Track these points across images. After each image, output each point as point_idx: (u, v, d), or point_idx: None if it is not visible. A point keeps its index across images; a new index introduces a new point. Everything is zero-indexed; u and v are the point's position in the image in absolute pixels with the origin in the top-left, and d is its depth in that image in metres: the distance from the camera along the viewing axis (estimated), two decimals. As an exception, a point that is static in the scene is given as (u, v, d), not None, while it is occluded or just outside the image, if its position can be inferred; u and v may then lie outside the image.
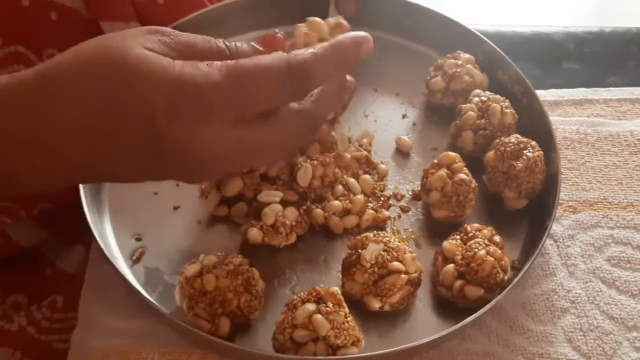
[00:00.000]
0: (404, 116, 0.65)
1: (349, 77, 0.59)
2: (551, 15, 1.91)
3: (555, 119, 0.65)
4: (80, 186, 0.54)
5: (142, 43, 0.42)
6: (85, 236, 0.67)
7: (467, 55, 0.64)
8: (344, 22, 0.55)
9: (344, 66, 0.47)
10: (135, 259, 0.54)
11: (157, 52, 0.42)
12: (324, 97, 0.47)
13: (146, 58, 0.41)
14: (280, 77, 0.42)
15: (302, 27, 0.53)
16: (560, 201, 0.58)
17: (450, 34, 0.67)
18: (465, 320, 0.48)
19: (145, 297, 0.50)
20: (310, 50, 0.44)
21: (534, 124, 0.60)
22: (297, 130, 0.45)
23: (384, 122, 0.64)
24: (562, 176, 0.60)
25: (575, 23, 1.65)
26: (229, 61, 0.42)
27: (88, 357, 0.50)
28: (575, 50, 0.73)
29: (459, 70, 0.62)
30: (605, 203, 0.59)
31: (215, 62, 0.42)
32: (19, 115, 0.41)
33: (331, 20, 0.55)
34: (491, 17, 1.91)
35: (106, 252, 0.51)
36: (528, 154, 0.55)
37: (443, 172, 0.54)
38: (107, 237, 0.55)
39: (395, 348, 0.47)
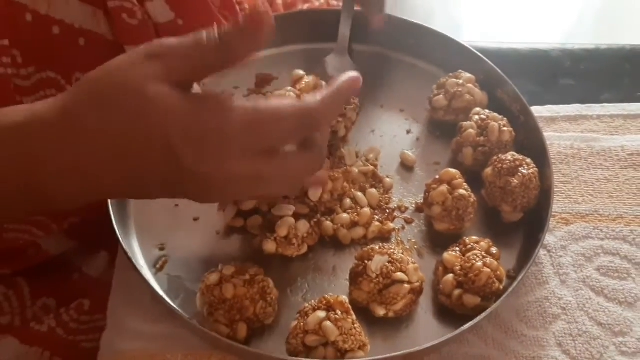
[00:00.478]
0: (408, 132, 0.69)
1: (353, 99, 0.63)
2: (549, 33, 1.94)
3: (550, 134, 0.68)
4: (109, 202, 0.58)
5: (149, 74, 0.45)
6: (108, 243, 0.71)
7: (468, 75, 0.67)
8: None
9: (342, 108, 0.51)
10: (159, 267, 0.58)
11: (165, 80, 0.45)
12: (324, 135, 0.51)
13: (160, 95, 0.44)
14: (292, 124, 0.46)
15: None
16: (553, 213, 0.62)
17: (452, 53, 0.71)
18: (463, 327, 0.52)
19: (169, 304, 0.54)
20: (318, 97, 0.47)
21: (530, 140, 0.64)
22: (303, 166, 0.49)
23: (389, 137, 0.68)
24: (556, 189, 0.64)
25: (573, 40, 1.69)
26: (246, 104, 0.45)
27: (117, 359, 0.54)
28: (572, 67, 0.76)
29: (460, 89, 0.66)
30: (597, 215, 0.63)
31: (235, 103, 0.45)
32: (51, 145, 0.45)
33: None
34: (495, 35, 1.95)
35: (133, 261, 0.55)
36: (523, 171, 0.59)
37: (444, 187, 0.58)
38: (133, 247, 0.59)
39: (399, 352, 0.51)
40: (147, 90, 0.44)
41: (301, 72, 0.65)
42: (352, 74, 0.50)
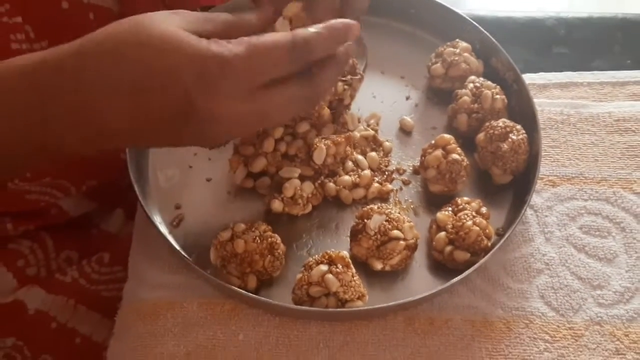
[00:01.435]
0: (407, 98, 0.72)
1: (358, 70, 0.67)
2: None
3: (542, 101, 0.72)
4: (128, 163, 0.62)
5: (170, 22, 0.47)
6: (124, 202, 0.77)
7: (465, 44, 0.71)
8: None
9: (337, 44, 0.52)
10: (175, 225, 0.63)
11: (184, 29, 0.47)
12: (322, 72, 0.52)
13: (175, 34, 0.46)
14: (287, 51, 0.49)
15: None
16: (541, 176, 0.66)
17: (450, 22, 0.74)
18: (454, 279, 0.57)
19: (186, 257, 0.59)
20: (310, 29, 0.50)
21: (522, 107, 0.68)
22: (300, 96, 0.51)
23: (389, 103, 0.72)
24: (545, 153, 0.68)
25: (571, 9, 1.69)
26: (245, 38, 0.48)
27: (139, 307, 0.59)
28: (565, 35, 0.80)
29: (456, 58, 0.70)
30: (582, 178, 0.67)
31: (234, 40, 0.48)
32: (62, 87, 0.47)
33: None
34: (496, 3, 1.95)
35: (152, 218, 0.60)
36: (513, 137, 0.63)
37: (439, 152, 0.63)
38: (151, 207, 0.63)
39: (395, 302, 0.56)
40: (162, 33, 0.46)
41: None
42: (348, 20, 0.52)
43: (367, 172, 0.65)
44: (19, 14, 0.61)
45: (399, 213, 0.60)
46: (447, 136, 0.63)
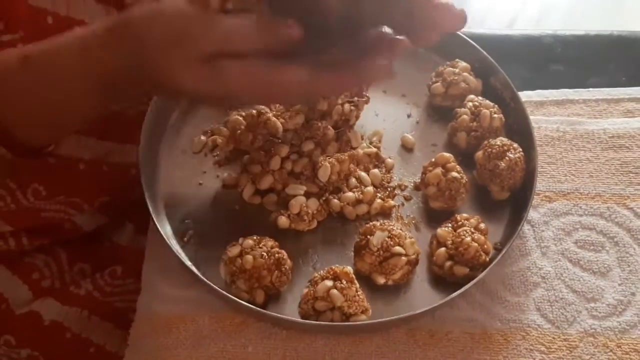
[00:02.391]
0: (408, 115, 0.75)
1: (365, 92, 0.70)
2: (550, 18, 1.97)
3: (539, 118, 0.75)
4: (142, 182, 0.64)
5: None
6: (134, 216, 0.79)
7: (464, 64, 0.73)
8: None
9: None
10: (186, 240, 0.65)
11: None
12: (288, 67, 0.52)
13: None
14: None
15: None
16: (538, 191, 0.69)
17: (450, 43, 0.76)
18: (454, 293, 0.59)
19: (196, 272, 0.61)
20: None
21: (519, 125, 0.70)
22: (262, 77, 0.52)
23: (391, 120, 0.74)
24: (541, 169, 0.70)
25: (567, 27, 1.72)
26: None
27: (152, 320, 0.62)
28: (562, 53, 0.82)
29: (456, 77, 0.72)
30: (577, 193, 0.69)
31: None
32: (109, 47, 0.53)
33: None
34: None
35: (163, 235, 0.63)
36: (510, 155, 0.65)
37: (439, 170, 0.65)
38: (164, 223, 0.66)
39: (397, 316, 0.58)
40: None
41: None
42: None
43: (370, 188, 0.68)
44: (32, 41, 0.61)
45: (401, 229, 0.63)
46: (447, 155, 0.66)
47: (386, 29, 0.56)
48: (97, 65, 0.54)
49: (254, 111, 0.68)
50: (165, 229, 0.65)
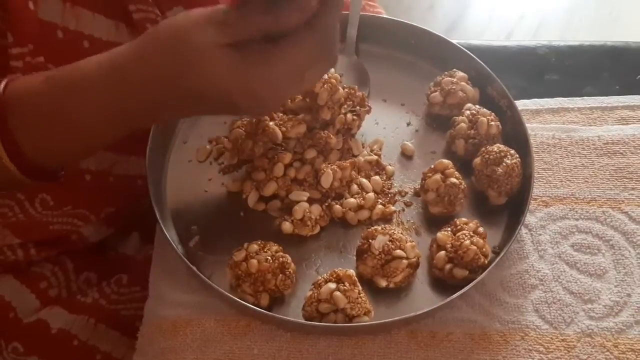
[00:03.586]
0: (408, 124, 0.76)
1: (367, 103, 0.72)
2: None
3: (535, 125, 0.76)
4: (150, 190, 0.66)
5: (209, 39, 0.51)
6: (139, 226, 0.81)
7: (461, 73, 0.75)
8: None
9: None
10: (192, 246, 0.67)
11: (221, 43, 0.52)
12: (324, 16, 0.54)
13: (217, 57, 0.52)
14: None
15: None
16: (535, 196, 0.71)
17: (447, 53, 0.78)
18: (454, 295, 0.60)
19: (202, 277, 0.62)
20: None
21: (515, 132, 0.72)
22: (313, 45, 0.54)
23: (391, 129, 0.76)
24: (538, 175, 0.72)
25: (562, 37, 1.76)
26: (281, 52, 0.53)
27: (159, 324, 0.63)
28: (557, 63, 0.84)
29: (454, 86, 0.74)
30: (573, 198, 0.71)
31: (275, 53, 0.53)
32: (135, 78, 0.54)
33: None
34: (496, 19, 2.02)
35: (170, 240, 0.64)
36: (507, 161, 0.67)
37: (438, 176, 0.67)
38: (170, 229, 0.67)
39: (399, 317, 0.60)
40: (205, 53, 0.52)
41: None
42: None
43: (371, 194, 0.69)
44: (42, 54, 0.65)
45: (402, 233, 0.64)
46: (446, 161, 0.68)
47: None
48: (127, 83, 0.54)
49: (253, 119, 0.70)
50: (172, 235, 0.67)
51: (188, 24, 0.53)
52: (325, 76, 0.71)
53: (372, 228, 0.64)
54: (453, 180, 0.66)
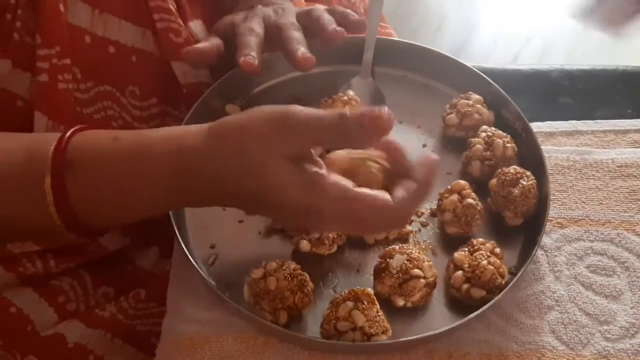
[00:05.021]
0: (424, 145, 0.77)
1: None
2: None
3: (549, 148, 0.77)
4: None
5: (273, 151, 0.53)
6: (159, 240, 0.81)
7: (477, 96, 0.76)
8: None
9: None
10: (210, 263, 0.68)
11: (285, 155, 0.53)
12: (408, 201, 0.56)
13: (279, 170, 0.53)
14: (380, 221, 0.56)
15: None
16: (550, 218, 0.71)
17: (463, 76, 0.79)
18: (471, 315, 0.61)
19: (221, 294, 0.63)
20: (406, 195, 0.55)
21: (530, 154, 0.73)
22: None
23: (407, 150, 0.77)
24: (553, 197, 0.72)
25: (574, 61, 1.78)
26: (344, 192, 0.54)
27: (178, 340, 0.63)
28: (570, 86, 0.85)
29: (470, 109, 0.75)
30: (588, 220, 0.72)
31: (335, 188, 0.53)
32: (196, 174, 0.55)
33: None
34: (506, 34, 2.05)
35: (189, 257, 0.65)
36: (523, 182, 0.68)
37: (455, 197, 0.67)
38: (189, 246, 0.68)
39: (416, 336, 0.60)
40: (266, 161, 0.53)
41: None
42: (432, 158, 0.58)
43: (388, 214, 0.70)
44: (68, 56, 0.66)
45: (419, 253, 0.65)
46: (462, 182, 0.69)
47: None
48: (193, 174, 0.55)
49: None
50: (191, 252, 0.67)
51: (253, 131, 0.54)
52: (346, 97, 0.72)
53: (390, 247, 0.65)
54: (470, 200, 0.67)
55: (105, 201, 0.57)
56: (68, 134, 0.56)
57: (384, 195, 0.54)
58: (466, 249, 0.66)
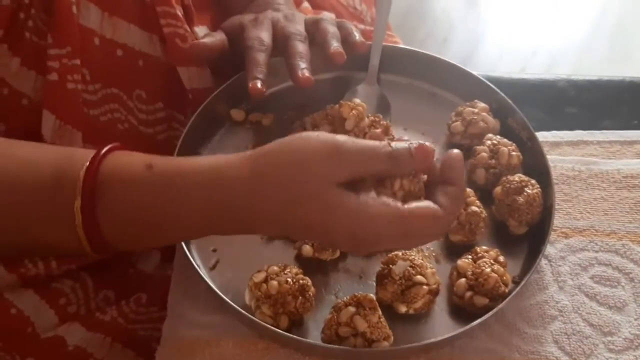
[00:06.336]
0: (428, 152, 0.78)
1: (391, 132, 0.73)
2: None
3: (555, 157, 0.77)
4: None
5: (323, 176, 0.52)
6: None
7: (483, 104, 0.76)
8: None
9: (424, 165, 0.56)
10: (212, 267, 0.67)
11: (335, 181, 0.52)
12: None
13: (329, 196, 0.52)
14: (434, 232, 0.55)
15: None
16: (554, 228, 0.70)
17: (469, 84, 0.79)
18: (473, 323, 0.60)
19: (222, 297, 0.63)
20: (452, 203, 0.55)
21: (536, 163, 0.72)
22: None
23: (412, 157, 0.77)
24: (558, 207, 0.72)
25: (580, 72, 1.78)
26: (398, 213, 0.53)
27: (178, 344, 0.63)
28: (576, 96, 0.85)
29: (475, 117, 0.75)
30: (592, 230, 0.71)
31: (389, 213, 0.52)
32: (236, 199, 0.54)
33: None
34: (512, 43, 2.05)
35: (191, 261, 0.65)
36: (528, 190, 0.68)
37: (459, 204, 0.67)
38: (191, 250, 0.68)
39: (418, 343, 0.60)
40: (320, 190, 0.52)
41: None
42: (456, 157, 0.57)
43: (392, 221, 0.70)
44: (78, 57, 0.67)
45: (422, 260, 0.64)
46: (467, 190, 0.68)
47: None
48: (228, 201, 0.54)
49: None
50: (193, 255, 0.67)
51: (305, 163, 0.53)
52: (353, 104, 0.72)
53: (393, 254, 0.65)
54: (474, 208, 0.67)
55: (135, 230, 0.57)
56: (101, 154, 0.56)
57: (432, 205, 0.54)
58: (470, 257, 0.65)
